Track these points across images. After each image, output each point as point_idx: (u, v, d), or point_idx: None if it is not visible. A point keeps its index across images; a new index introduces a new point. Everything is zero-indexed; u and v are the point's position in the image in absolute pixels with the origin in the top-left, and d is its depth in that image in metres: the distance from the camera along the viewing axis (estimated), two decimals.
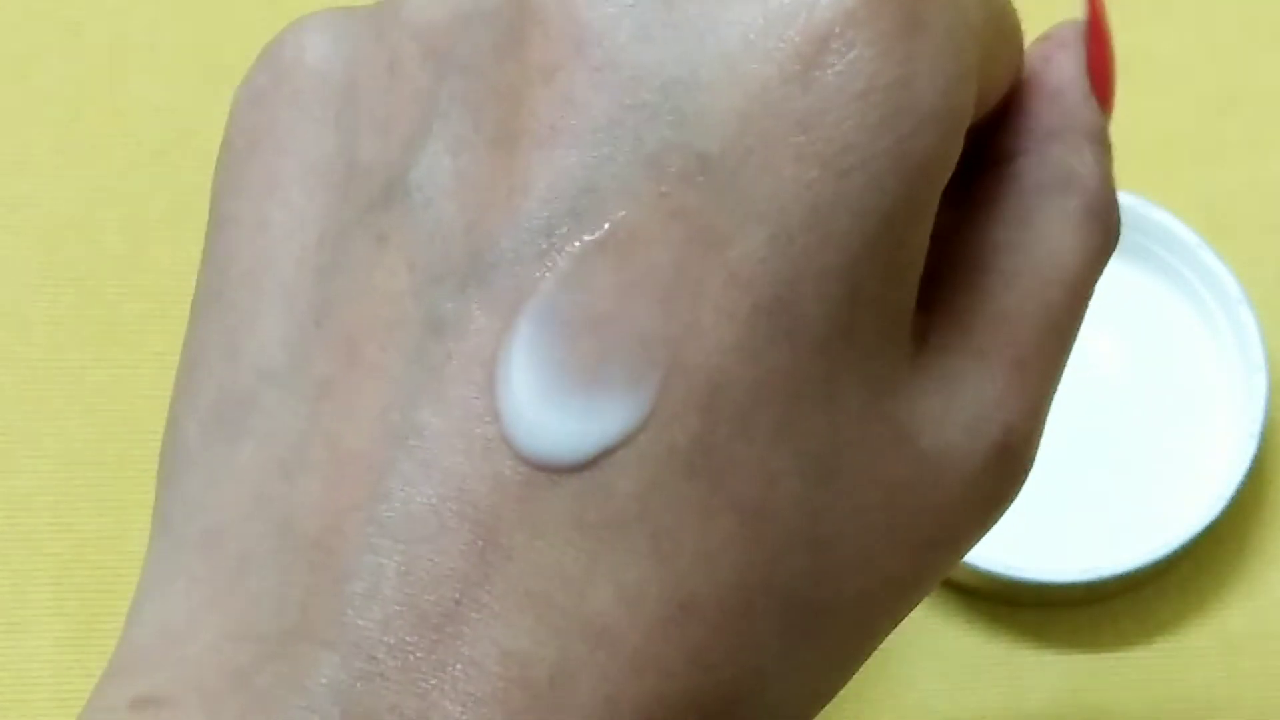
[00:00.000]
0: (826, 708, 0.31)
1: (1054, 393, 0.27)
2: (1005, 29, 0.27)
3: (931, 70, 0.24)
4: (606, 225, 0.23)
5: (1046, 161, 0.27)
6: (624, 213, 0.23)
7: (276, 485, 0.24)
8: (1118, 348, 0.48)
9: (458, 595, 0.23)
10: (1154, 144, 0.51)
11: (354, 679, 0.23)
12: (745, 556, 0.23)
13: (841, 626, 0.25)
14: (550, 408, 0.23)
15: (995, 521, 0.26)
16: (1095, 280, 0.27)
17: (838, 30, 0.23)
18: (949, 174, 0.25)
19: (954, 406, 0.25)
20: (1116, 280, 0.45)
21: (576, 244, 0.23)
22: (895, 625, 0.26)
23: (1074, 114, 0.28)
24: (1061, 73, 0.29)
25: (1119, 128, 0.51)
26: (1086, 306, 0.27)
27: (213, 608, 0.24)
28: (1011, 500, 0.26)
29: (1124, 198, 0.45)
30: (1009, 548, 0.43)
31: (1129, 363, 0.47)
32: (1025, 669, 0.45)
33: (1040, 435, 0.26)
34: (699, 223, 0.23)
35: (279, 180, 0.26)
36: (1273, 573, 0.46)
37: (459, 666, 0.23)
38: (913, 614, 0.27)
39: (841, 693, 0.33)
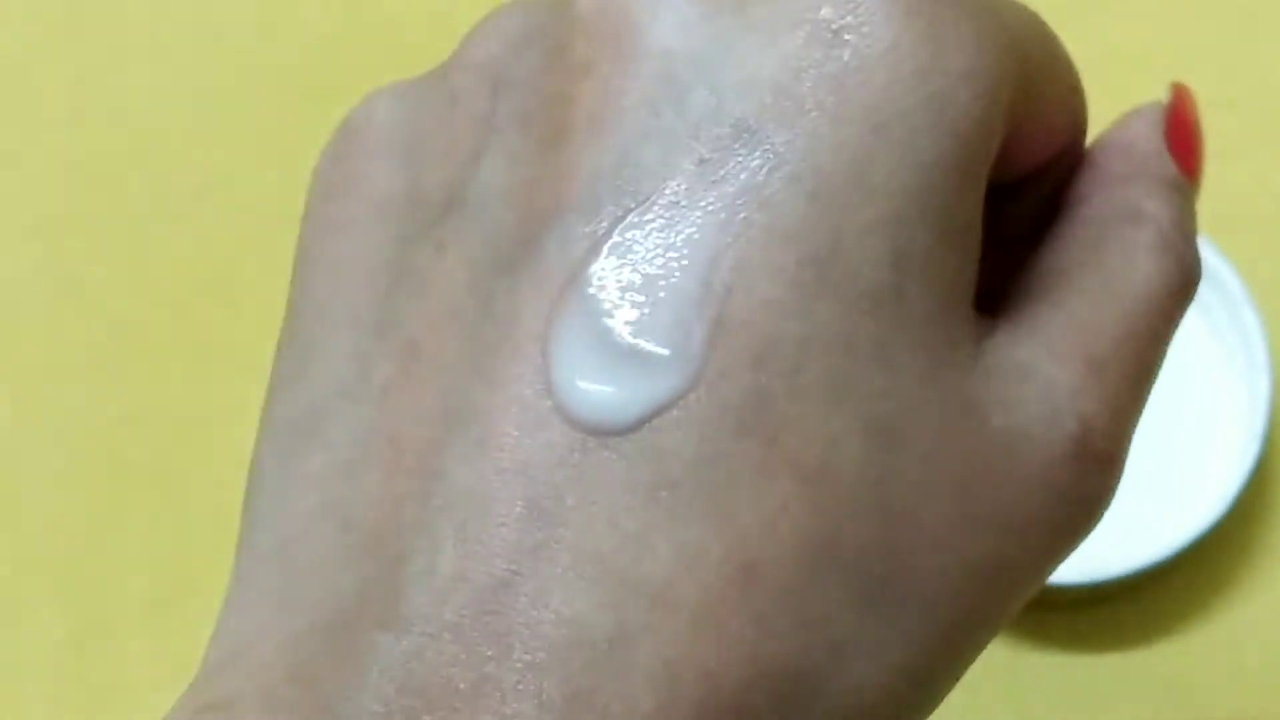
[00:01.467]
0: None
1: (1141, 406, 0.26)
2: (1053, 56, 0.27)
3: (959, 32, 0.24)
4: (648, 195, 0.24)
5: (1116, 200, 0.28)
6: (664, 182, 0.24)
7: (340, 487, 0.24)
8: None
9: (512, 565, 0.23)
10: None
11: (408, 656, 0.23)
12: (808, 520, 0.23)
13: (924, 609, 0.24)
14: (598, 371, 0.23)
15: (1087, 531, 0.26)
16: (1176, 309, 0.27)
17: None
18: (991, 144, 0.25)
19: (1026, 392, 0.25)
20: None
21: (622, 216, 0.24)
22: (988, 627, 0.25)
23: (1146, 162, 0.28)
24: (1135, 131, 0.29)
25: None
26: (1168, 332, 0.27)
27: (280, 613, 0.24)
28: (1102, 507, 0.26)
29: None
30: None
31: None
32: (1027, 670, 0.45)
33: (1129, 444, 0.26)
34: (738, 185, 0.23)
35: (349, 221, 0.27)
36: (1276, 575, 0.46)
37: (515, 635, 0.22)
38: None
39: None
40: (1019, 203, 0.28)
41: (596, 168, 0.24)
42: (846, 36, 0.24)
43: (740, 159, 0.24)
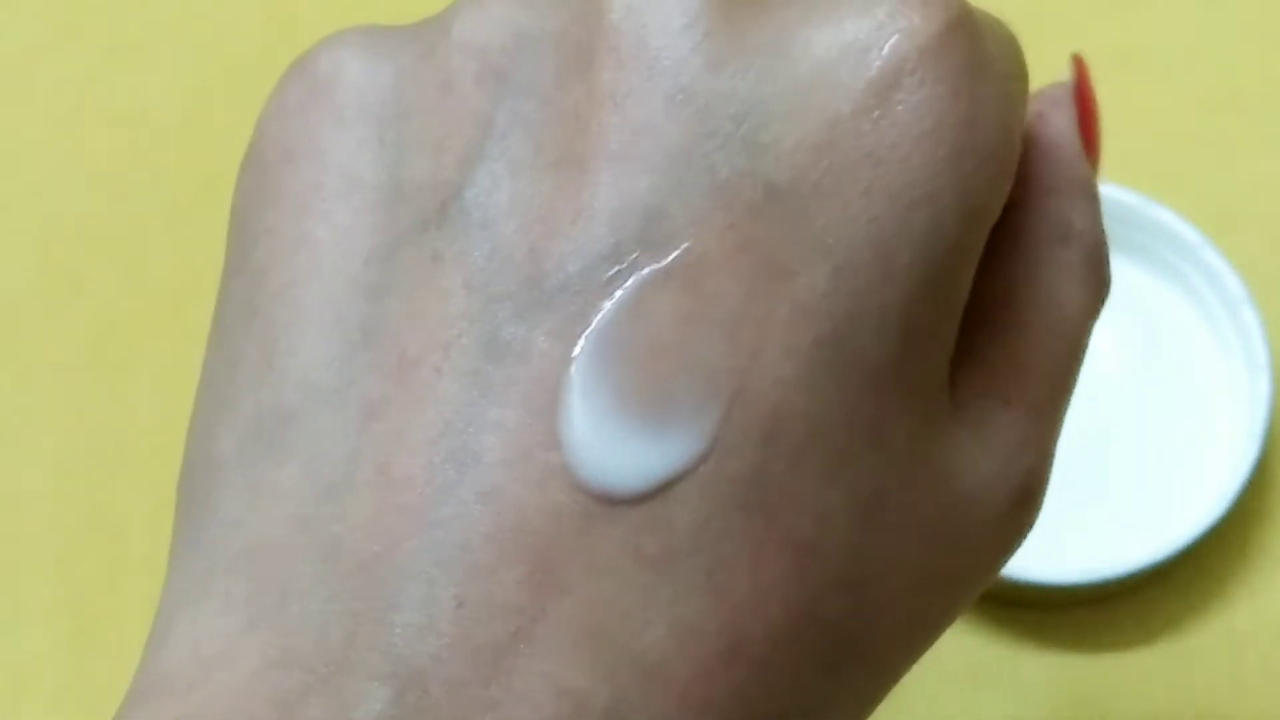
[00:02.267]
0: None
1: (1058, 439, 0.27)
2: (1026, 83, 0.28)
3: (994, 110, 0.24)
4: (674, 253, 0.23)
5: (1046, 215, 0.28)
6: (692, 242, 0.23)
7: (322, 507, 0.24)
8: (1119, 348, 0.48)
9: (514, 629, 0.23)
10: (1157, 142, 0.51)
11: (405, 713, 0.22)
12: (794, 593, 0.23)
13: (873, 663, 0.25)
14: (612, 436, 0.23)
15: (1010, 558, 0.26)
16: (1092, 327, 0.28)
17: (910, 66, 0.24)
18: (996, 214, 0.25)
19: (987, 451, 0.26)
20: (1119, 280, 0.46)
21: (644, 271, 0.23)
22: (916, 660, 0.26)
23: (1069, 169, 0.29)
24: (1057, 129, 0.29)
25: (1123, 124, 0.51)
26: (1085, 353, 0.28)
27: (251, 632, 0.24)
28: (1023, 539, 0.26)
29: (1126, 196, 0.48)
30: None
31: (1131, 363, 0.47)
32: (1027, 670, 0.45)
33: (1049, 479, 0.27)
34: (765, 254, 0.23)
35: (320, 194, 0.26)
36: (1276, 574, 0.46)
37: (513, 703, 0.22)
38: None
39: None
40: None
41: (623, 211, 0.24)
42: (892, 109, 0.24)
43: (770, 226, 0.23)
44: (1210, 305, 0.47)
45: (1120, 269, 0.46)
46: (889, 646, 0.25)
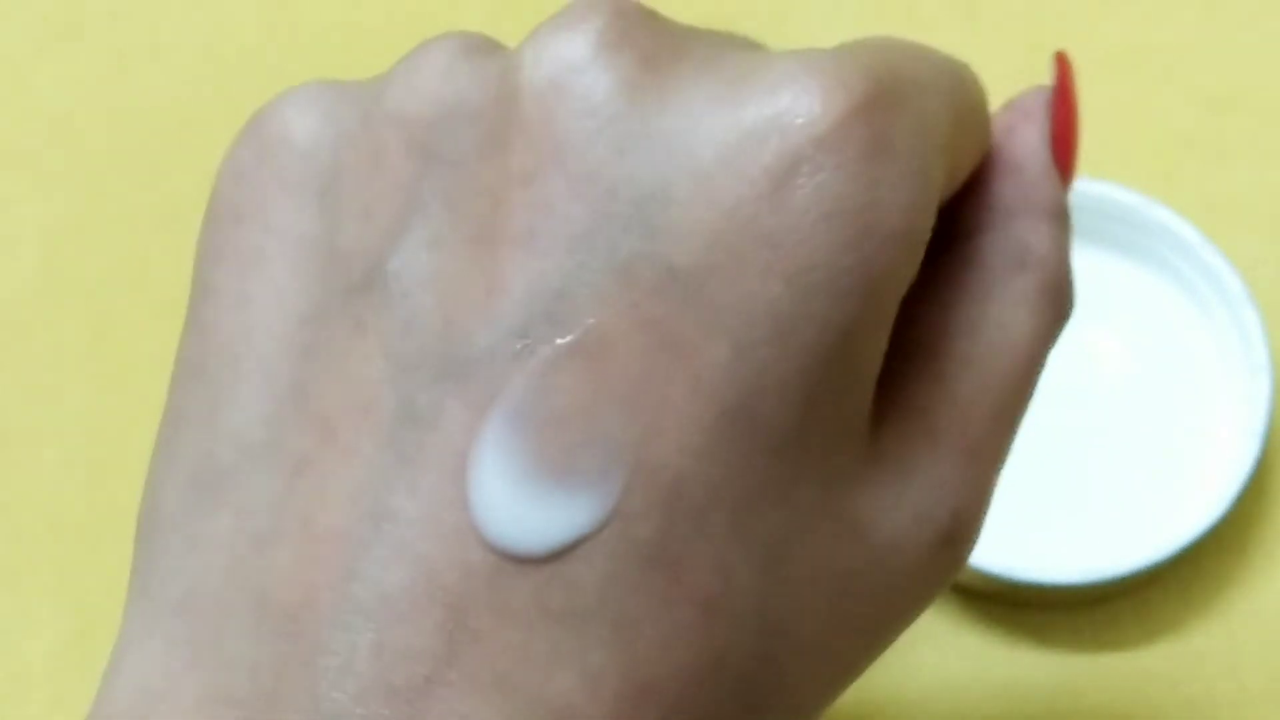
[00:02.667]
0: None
1: (1000, 472, 0.28)
2: (972, 123, 0.28)
3: (895, 194, 0.24)
4: (579, 330, 0.24)
5: (1005, 240, 0.28)
6: (596, 319, 0.24)
7: (251, 556, 0.25)
8: (1119, 347, 0.48)
9: (428, 673, 0.23)
10: (1156, 143, 0.51)
11: None
12: (701, 642, 0.24)
13: (792, 702, 0.26)
14: (519, 500, 0.24)
15: (936, 598, 0.27)
16: (1047, 354, 0.28)
17: (808, 153, 0.24)
18: (907, 285, 0.25)
19: (906, 497, 0.26)
20: (1119, 279, 0.49)
21: (549, 347, 0.24)
22: (837, 698, 0.27)
23: (1034, 190, 0.29)
24: (1024, 146, 0.29)
25: (1123, 124, 0.50)
26: (1036, 382, 0.28)
27: (191, 670, 0.24)
28: (955, 576, 0.27)
29: (1126, 196, 0.48)
30: (1009, 549, 0.43)
31: (1130, 362, 0.47)
32: (1026, 670, 0.45)
33: (985, 515, 0.27)
34: (666, 332, 0.24)
35: (262, 256, 0.27)
36: (1276, 574, 0.46)
37: None
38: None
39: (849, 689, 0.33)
40: None
41: (530, 290, 0.24)
42: (789, 195, 0.24)
43: (672, 306, 0.24)
44: (1210, 305, 0.47)
45: (1120, 268, 0.49)
46: (806, 686, 0.26)
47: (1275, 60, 0.53)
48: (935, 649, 0.46)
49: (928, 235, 0.26)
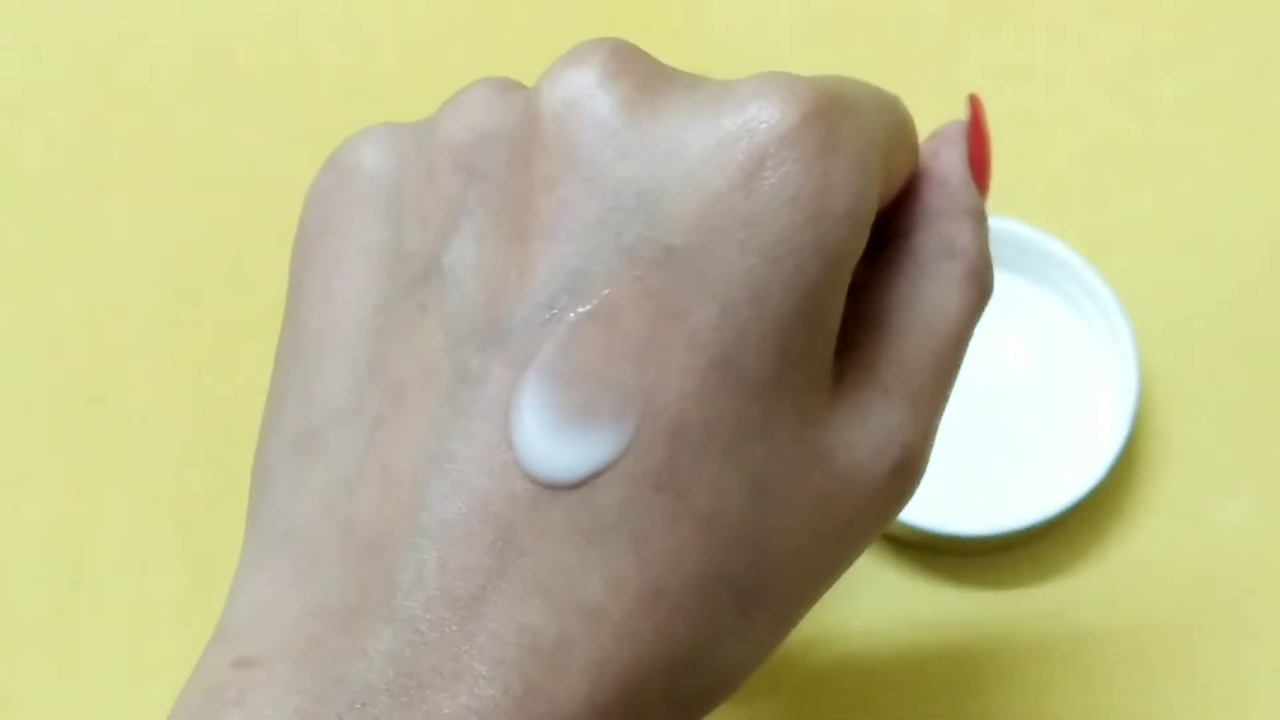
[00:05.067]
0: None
1: (941, 417, 0.29)
2: (903, 139, 0.29)
3: (844, 181, 0.26)
4: (595, 301, 0.25)
5: (935, 235, 0.29)
6: (608, 291, 0.25)
7: (341, 498, 0.26)
8: (1020, 349, 0.49)
9: (483, 583, 0.25)
10: (1048, 186, 0.53)
11: (403, 646, 0.25)
12: (702, 553, 0.25)
13: (775, 605, 0.27)
14: (551, 440, 0.25)
15: (894, 518, 0.28)
16: (974, 326, 0.29)
17: (772, 150, 0.25)
18: (858, 256, 0.26)
19: (864, 433, 0.27)
20: (1020, 296, 0.50)
21: (572, 315, 0.25)
22: (815, 603, 0.28)
23: (957, 196, 0.30)
24: (948, 164, 0.31)
25: (1021, 172, 0.53)
26: (966, 348, 0.29)
27: (293, 590, 0.26)
28: (907, 501, 0.28)
29: (1024, 229, 0.49)
30: (933, 507, 0.46)
31: (1029, 361, 0.49)
32: (946, 606, 0.47)
33: (930, 450, 0.28)
34: (665, 299, 0.25)
35: (341, 260, 0.28)
36: (1143, 528, 0.48)
37: (484, 637, 0.25)
38: (857, 562, 0.29)
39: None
40: None
41: (554, 271, 0.25)
42: (757, 185, 0.25)
43: (668, 278, 0.25)
44: (1090, 316, 0.49)
45: (1019, 287, 0.49)
46: (787, 591, 0.27)
47: (1142, 121, 0.54)
48: (873, 589, 0.47)
49: (870, 218, 0.26)
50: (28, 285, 0.54)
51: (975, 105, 0.32)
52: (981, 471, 0.48)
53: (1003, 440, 0.48)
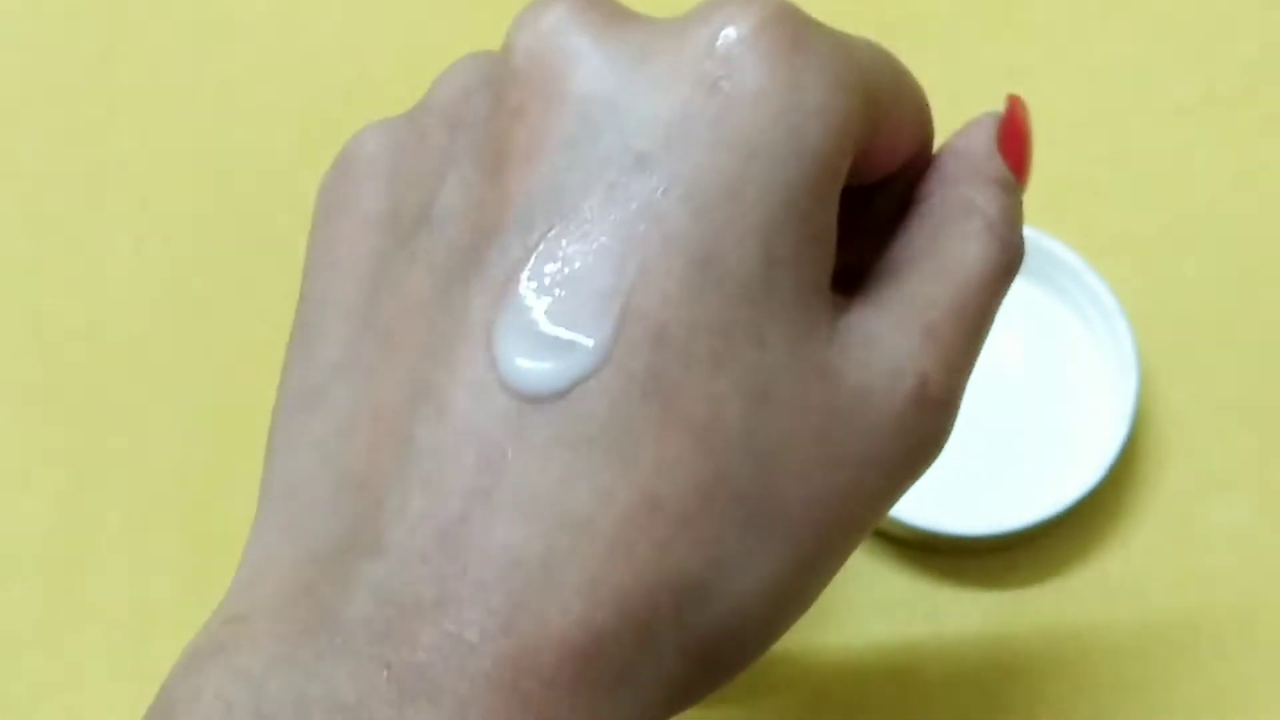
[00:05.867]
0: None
1: (970, 366, 0.28)
2: (900, 86, 0.28)
3: (816, 80, 0.25)
4: (570, 213, 0.25)
5: (953, 195, 0.29)
6: (582, 202, 0.25)
7: (335, 448, 0.26)
8: (1021, 350, 0.49)
9: (467, 504, 0.24)
10: (1048, 187, 0.44)
11: (387, 576, 0.24)
12: (699, 464, 0.25)
13: (793, 530, 0.26)
14: (532, 351, 0.25)
15: (926, 463, 0.27)
16: (1001, 284, 0.28)
17: (737, 51, 0.25)
18: (843, 164, 0.26)
19: (875, 356, 0.27)
20: (1021, 297, 0.50)
21: (551, 231, 0.25)
22: (849, 542, 0.27)
23: (978, 164, 0.30)
24: (972, 139, 0.30)
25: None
26: (995, 303, 0.28)
27: (288, 544, 0.26)
28: (939, 445, 0.27)
29: (1027, 232, 0.42)
30: (933, 507, 0.46)
31: (1030, 362, 0.49)
32: (944, 604, 0.48)
33: (960, 396, 0.28)
34: (640, 203, 0.25)
35: (344, 233, 0.28)
36: (1142, 527, 0.48)
37: (469, 558, 0.24)
38: (853, 561, 0.29)
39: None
40: (878, 199, 0.30)
41: (529, 192, 0.26)
42: (724, 85, 0.25)
43: (641, 183, 0.25)
44: (1091, 317, 0.49)
45: (1019, 287, 0.49)
46: (801, 515, 0.26)
47: (1141, 122, 0.55)
48: (872, 588, 0.48)
49: (852, 119, 0.26)
50: (28, 285, 0.54)
51: (1013, 103, 0.32)
52: (981, 471, 0.48)
53: (1003, 440, 0.48)
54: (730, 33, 0.25)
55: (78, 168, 0.56)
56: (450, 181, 0.27)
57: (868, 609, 0.48)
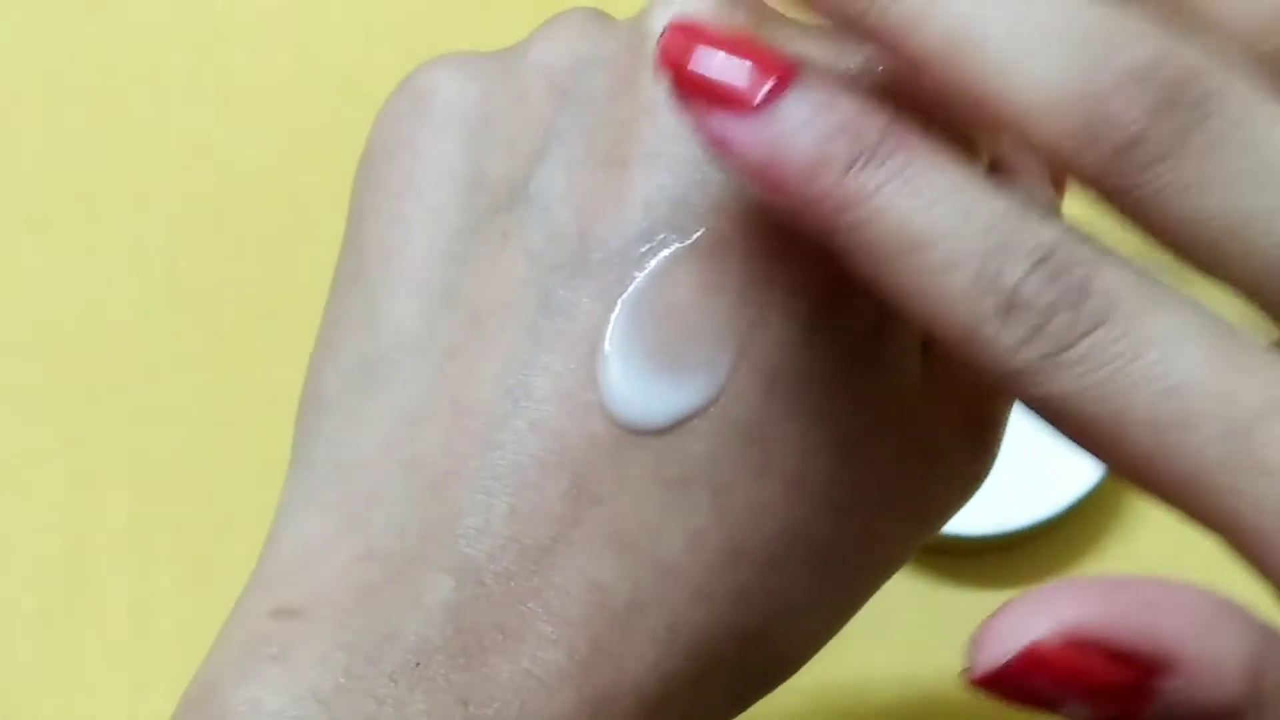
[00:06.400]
0: None
1: (1010, 408, 0.28)
2: None
3: None
4: (695, 235, 0.25)
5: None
6: (710, 225, 0.25)
7: (403, 431, 0.25)
8: None
9: (554, 533, 0.24)
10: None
11: (464, 599, 0.24)
12: (786, 514, 0.25)
13: (850, 577, 0.27)
14: (640, 381, 0.25)
15: (969, 500, 0.28)
16: None
17: None
18: None
19: (949, 410, 0.27)
20: None
21: (670, 249, 0.25)
22: (890, 576, 0.28)
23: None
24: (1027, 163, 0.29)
25: None
26: None
27: (344, 533, 0.25)
28: (979, 484, 0.28)
29: None
30: None
31: None
32: (945, 603, 0.48)
33: (1000, 444, 0.28)
34: (770, 238, 0.25)
35: (414, 182, 0.27)
36: (1139, 529, 0.48)
37: (552, 593, 0.24)
38: None
39: None
40: None
41: (655, 200, 0.25)
42: None
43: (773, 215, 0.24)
44: None
45: None
46: (860, 568, 0.27)
47: None
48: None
49: None
50: (28, 285, 0.54)
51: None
52: None
53: (1004, 444, 0.47)
54: None
55: (77, 167, 0.56)
56: (554, 158, 0.26)
57: (867, 609, 0.41)
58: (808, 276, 0.25)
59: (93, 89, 0.57)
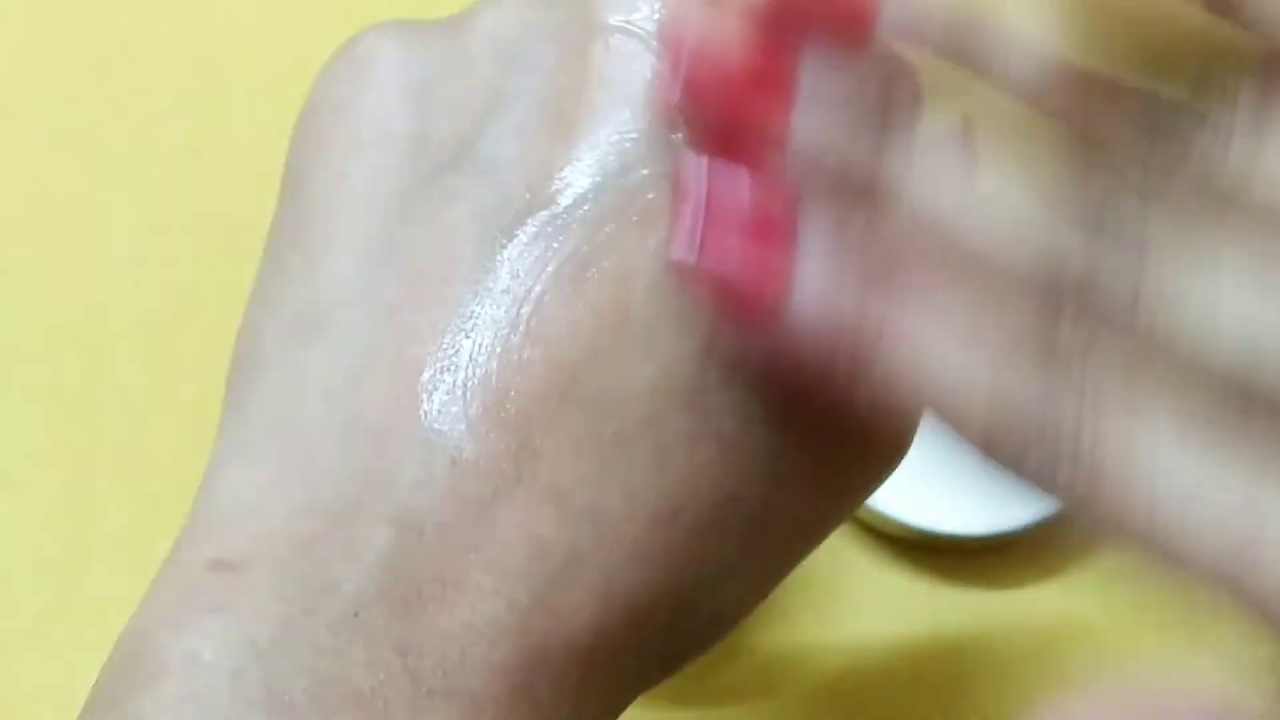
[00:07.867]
0: (788, 626, 0.36)
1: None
2: None
3: None
4: (641, 200, 0.25)
5: None
6: (656, 192, 0.25)
7: (344, 385, 0.25)
8: None
9: (494, 486, 0.24)
10: None
11: (404, 550, 0.24)
12: (722, 478, 0.25)
13: (781, 542, 0.27)
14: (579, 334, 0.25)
15: (884, 480, 0.28)
16: None
17: None
18: None
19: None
20: None
21: (617, 212, 0.25)
22: (814, 548, 0.28)
23: None
24: None
25: None
26: None
27: (282, 485, 0.25)
28: (897, 465, 0.28)
29: None
30: (933, 507, 0.47)
31: None
32: (944, 602, 0.48)
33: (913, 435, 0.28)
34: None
35: (358, 142, 0.27)
36: None
37: (492, 545, 0.24)
38: (853, 561, 0.31)
39: (798, 619, 0.38)
40: None
41: (601, 163, 0.25)
42: None
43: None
44: None
45: None
46: (794, 530, 0.27)
47: None
48: (874, 587, 0.48)
49: None
50: (28, 285, 0.54)
51: None
52: (981, 471, 0.46)
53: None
54: None
55: (77, 168, 0.56)
56: (502, 120, 0.26)
57: (868, 609, 0.48)
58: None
59: (93, 89, 0.58)
